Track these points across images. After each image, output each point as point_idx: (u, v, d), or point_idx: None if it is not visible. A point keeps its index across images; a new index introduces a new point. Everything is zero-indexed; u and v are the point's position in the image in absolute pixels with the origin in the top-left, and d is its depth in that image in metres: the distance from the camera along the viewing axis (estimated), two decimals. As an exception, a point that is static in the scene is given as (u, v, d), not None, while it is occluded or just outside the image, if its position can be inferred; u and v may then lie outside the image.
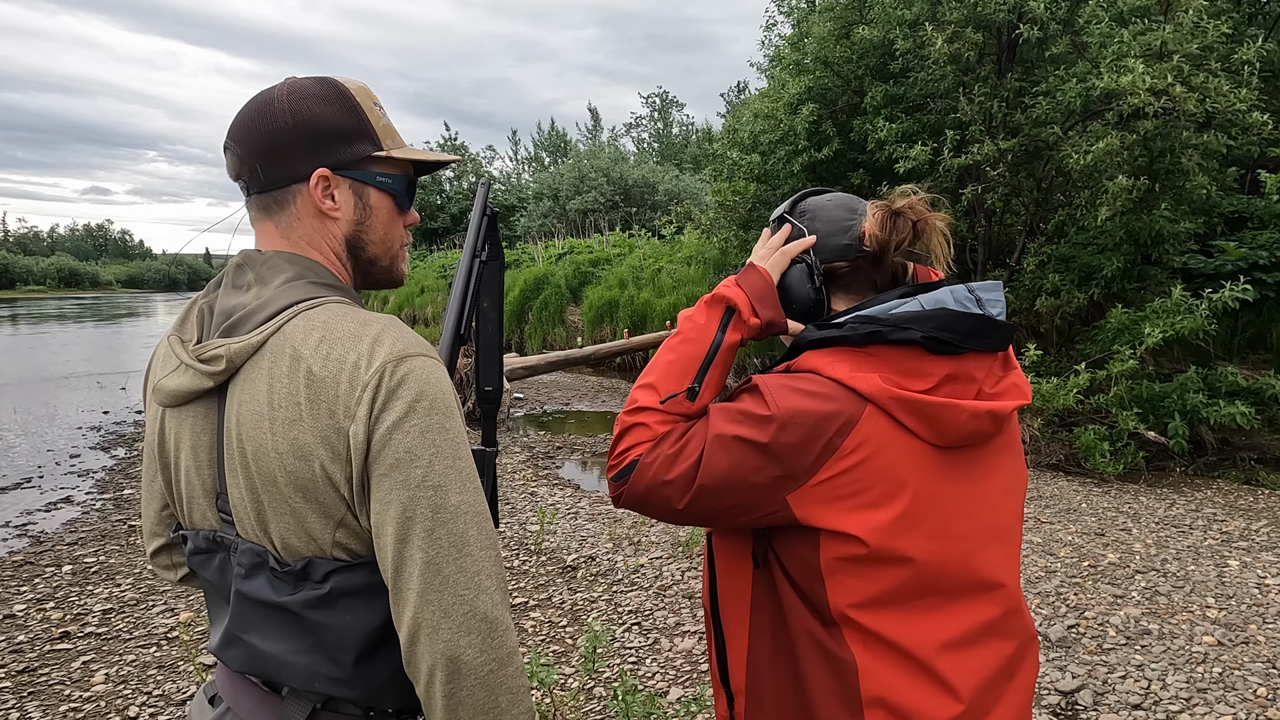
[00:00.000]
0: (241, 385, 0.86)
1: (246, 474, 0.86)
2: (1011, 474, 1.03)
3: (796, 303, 1.10)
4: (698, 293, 11.70)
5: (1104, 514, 4.87)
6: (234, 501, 0.88)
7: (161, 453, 0.97)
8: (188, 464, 0.93)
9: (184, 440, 0.93)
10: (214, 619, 0.97)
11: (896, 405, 0.92)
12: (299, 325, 0.85)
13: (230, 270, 0.95)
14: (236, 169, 0.94)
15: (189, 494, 0.94)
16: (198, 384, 0.89)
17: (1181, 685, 2.90)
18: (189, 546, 0.96)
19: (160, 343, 0.97)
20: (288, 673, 0.87)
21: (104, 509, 5.66)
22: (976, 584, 0.97)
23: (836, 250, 1.08)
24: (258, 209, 0.95)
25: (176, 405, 0.93)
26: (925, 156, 6.17)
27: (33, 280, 77.86)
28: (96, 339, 22.22)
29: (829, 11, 7.64)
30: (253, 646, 0.88)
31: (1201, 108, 5.20)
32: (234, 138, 0.93)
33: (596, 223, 25.39)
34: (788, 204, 1.15)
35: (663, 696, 2.93)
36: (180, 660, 3.30)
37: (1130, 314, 5.88)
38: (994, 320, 0.97)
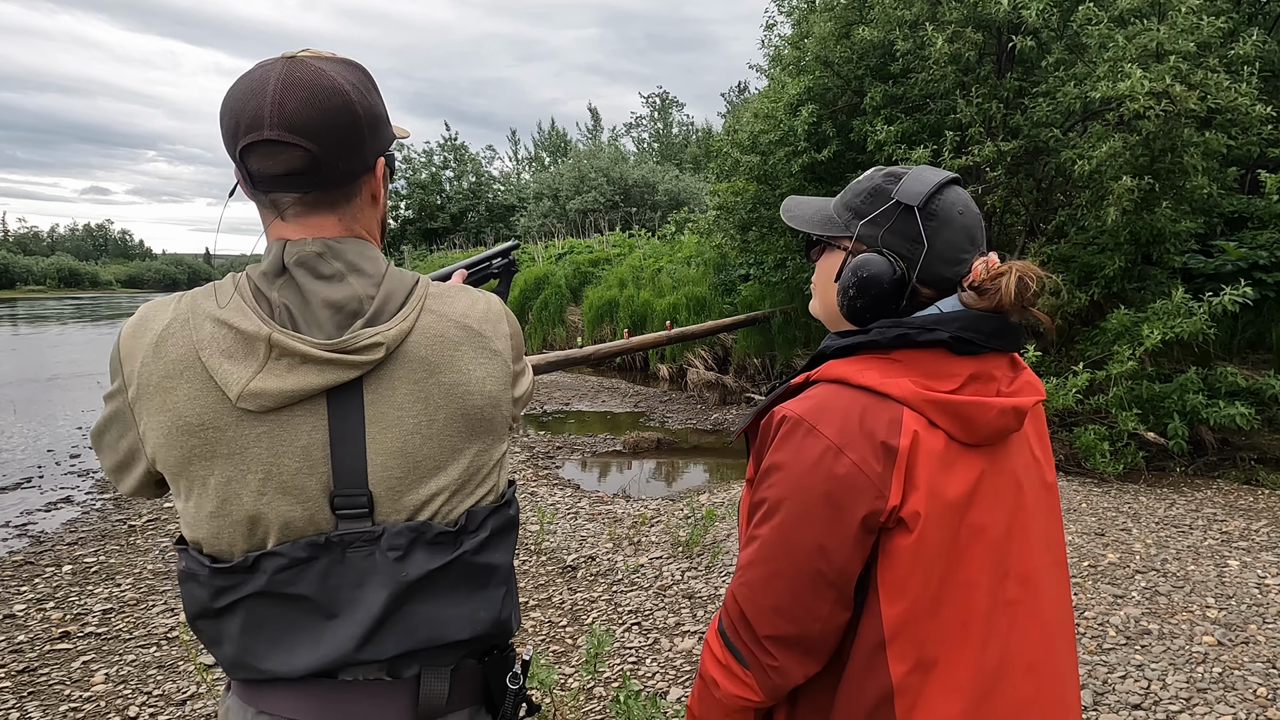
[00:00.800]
0: (387, 368, 0.90)
1: (407, 447, 0.90)
2: (1026, 472, 1.04)
3: (865, 301, 0.99)
4: (698, 293, 11.70)
5: (1104, 514, 4.87)
6: (379, 483, 0.89)
7: (220, 470, 0.87)
8: (287, 469, 0.87)
9: (279, 448, 0.87)
10: (296, 638, 0.89)
11: (930, 406, 0.92)
12: (435, 297, 0.96)
13: (310, 260, 0.90)
14: (303, 163, 0.88)
15: (276, 506, 0.88)
16: (335, 379, 0.87)
17: (1181, 685, 2.90)
18: (273, 565, 0.87)
19: (188, 355, 0.87)
20: (451, 628, 0.93)
21: (104, 509, 5.66)
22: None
23: (934, 276, 0.98)
24: (319, 203, 0.92)
25: (275, 409, 0.86)
26: (925, 158, 6.17)
27: (33, 280, 77.81)
28: (96, 339, 22.22)
29: (829, 11, 7.63)
30: (415, 618, 0.91)
31: (1203, 105, 5.20)
32: (301, 131, 0.86)
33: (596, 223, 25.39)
34: (929, 191, 0.97)
35: (663, 697, 2.94)
36: (180, 660, 3.30)
37: (1130, 315, 5.88)
38: (1010, 322, 0.98)
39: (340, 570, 0.89)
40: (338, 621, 0.89)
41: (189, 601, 0.91)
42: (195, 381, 0.86)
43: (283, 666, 0.89)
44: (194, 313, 0.88)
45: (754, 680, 0.97)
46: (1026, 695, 0.97)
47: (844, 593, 0.94)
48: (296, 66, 0.88)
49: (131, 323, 0.92)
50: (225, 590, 0.89)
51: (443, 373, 0.93)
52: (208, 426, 0.86)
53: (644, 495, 6.20)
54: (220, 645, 0.91)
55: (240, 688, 0.95)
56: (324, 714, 0.90)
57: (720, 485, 6.42)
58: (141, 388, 0.88)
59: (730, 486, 6.18)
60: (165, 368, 0.87)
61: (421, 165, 39.62)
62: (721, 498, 5.62)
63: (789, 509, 0.93)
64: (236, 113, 0.87)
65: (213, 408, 0.86)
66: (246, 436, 0.86)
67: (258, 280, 0.90)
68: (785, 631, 0.94)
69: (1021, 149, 6.34)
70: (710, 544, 4.48)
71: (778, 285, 9.64)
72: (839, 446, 0.91)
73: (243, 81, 0.89)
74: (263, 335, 0.85)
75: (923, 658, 0.92)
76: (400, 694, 0.92)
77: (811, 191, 8.09)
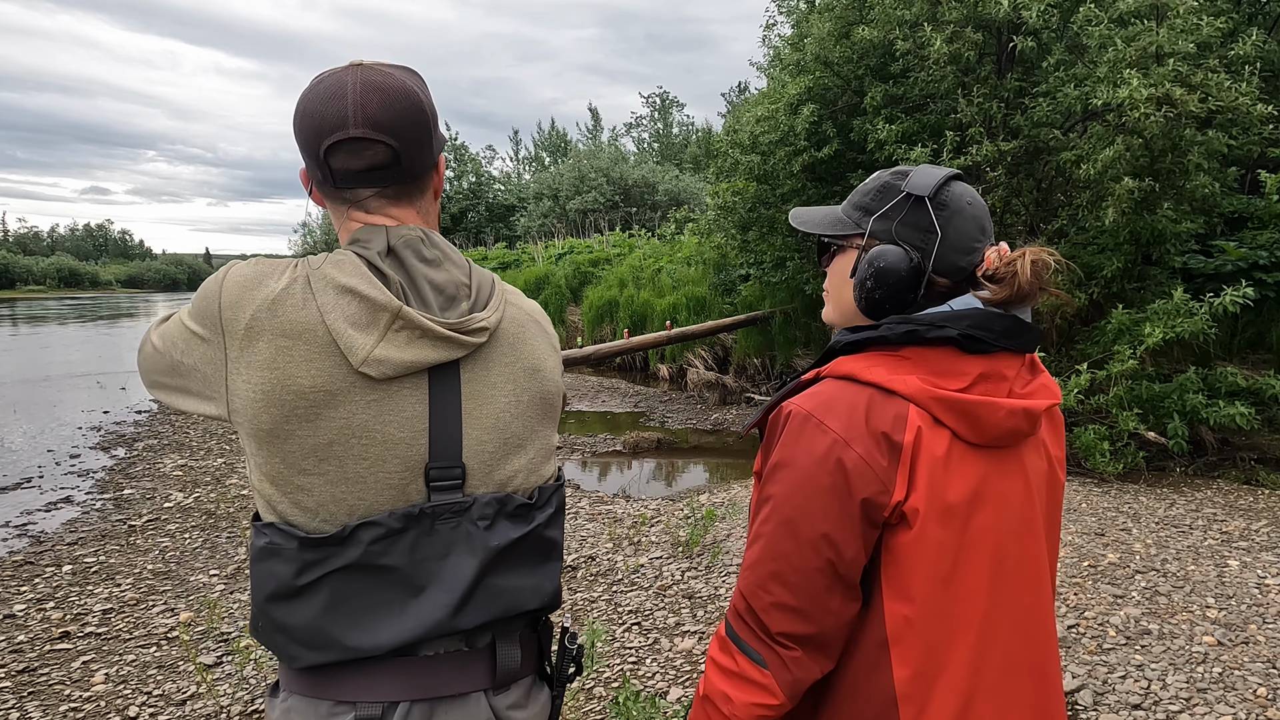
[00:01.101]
0: (482, 350, 0.98)
1: (499, 424, 0.98)
2: (1038, 475, 1.03)
3: (884, 291, 0.98)
4: (698, 293, 11.71)
5: (1104, 514, 4.87)
6: (473, 457, 0.96)
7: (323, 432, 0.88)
8: (387, 440, 0.90)
9: (386, 417, 0.90)
10: (381, 612, 0.91)
11: (937, 404, 0.92)
12: (510, 292, 1.05)
13: (415, 243, 0.97)
14: (388, 158, 0.95)
15: (373, 475, 0.90)
16: (446, 356, 0.93)
17: (1181, 685, 2.90)
18: (370, 535, 0.89)
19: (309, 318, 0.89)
20: (523, 598, 0.99)
21: (104, 509, 5.66)
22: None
23: (949, 266, 0.98)
24: (397, 197, 0.99)
25: (391, 378, 0.90)
26: (925, 158, 6.17)
27: (33, 280, 77.85)
28: (96, 339, 22.22)
29: (829, 11, 7.64)
30: (498, 588, 0.96)
31: (1204, 106, 5.20)
32: (386, 130, 0.93)
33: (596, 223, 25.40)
34: (939, 182, 0.98)
35: (662, 697, 2.94)
36: (180, 660, 3.30)
37: (1130, 315, 5.88)
38: (1023, 321, 0.97)
39: (428, 542, 0.92)
40: (426, 593, 0.92)
41: (266, 580, 0.90)
42: (314, 344, 0.88)
43: (366, 642, 0.89)
44: (315, 279, 0.91)
45: (773, 679, 0.94)
46: (1029, 699, 0.97)
47: (852, 585, 0.94)
48: (370, 72, 0.94)
49: (240, 273, 0.93)
50: (313, 565, 0.89)
51: (526, 358, 1.02)
52: (320, 389, 0.88)
53: (644, 495, 6.20)
54: (289, 629, 0.90)
55: (304, 681, 0.93)
56: (411, 691, 0.91)
57: (720, 485, 6.42)
58: (248, 342, 0.89)
59: (730, 486, 6.18)
60: (281, 327, 0.88)
61: (421, 165, 39.54)
62: (721, 498, 5.62)
63: (796, 502, 0.93)
64: (318, 115, 0.92)
65: (328, 371, 0.88)
66: (356, 403, 0.89)
67: (370, 257, 0.94)
68: (798, 627, 0.94)
69: (1021, 149, 6.34)
70: (710, 544, 4.48)
71: (778, 285, 9.64)
72: (845, 440, 0.91)
73: (317, 89, 0.94)
74: (392, 307, 0.89)
75: (927, 663, 0.92)
76: (478, 662, 0.96)
77: (812, 190, 8.10)
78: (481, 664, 0.97)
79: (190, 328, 0.93)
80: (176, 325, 0.96)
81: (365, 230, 0.97)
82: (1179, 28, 5.27)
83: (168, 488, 6.14)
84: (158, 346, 0.97)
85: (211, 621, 3.61)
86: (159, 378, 0.98)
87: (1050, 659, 1.00)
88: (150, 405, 10.44)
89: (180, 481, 6.33)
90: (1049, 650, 1.00)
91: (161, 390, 0.99)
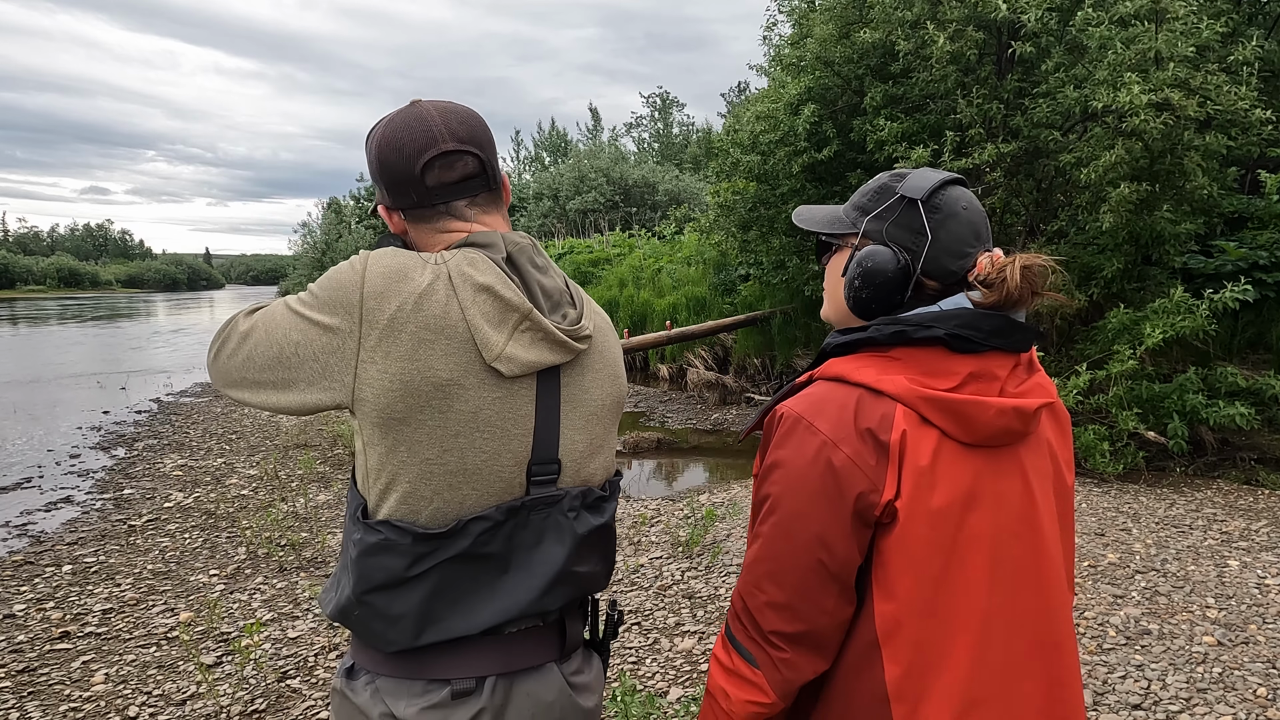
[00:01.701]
0: (582, 354, 1.05)
1: (588, 425, 1.05)
2: (1040, 475, 1.02)
3: (870, 291, 0.99)
4: (698, 293, 11.70)
5: (1104, 514, 4.87)
6: (567, 454, 1.03)
7: (451, 423, 0.94)
8: (504, 435, 0.97)
9: (505, 413, 0.97)
10: (477, 597, 0.97)
11: (924, 404, 0.92)
12: (587, 297, 1.11)
13: (528, 250, 1.04)
14: (477, 168, 1.04)
15: (488, 468, 0.97)
16: (558, 359, 1.00)
17: (1181, 685, 2.90)
18: (478, 528, 0.96)
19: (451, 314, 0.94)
20: (598, 582, 1.09)
21: (104, 509, 5.66)
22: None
23: (939, 269, 0.99)
24: (488, 204, 1.07)
25: (517, 376, 0.97)
26: (925, 159, 6.17)
27: (33, 280, 77.84)
28: (96, 339, 22.22)
29: (829, 11, 7.63)
30: (579, 574, 1.04)
31: (1203, 110, 5.20)
32: (471, 142, 1.03)
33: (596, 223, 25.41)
34: (933, 185, 0.99)
35: (662, 696, 2.94)
36: (180, 660, 3.30)
37: (1130, 314, 5.88)
38: (1014, 320, 0.97)
39: (523, 532, 0.99)
40: (518, 578, 0.99)
41: (375, 573, 0.95)
42: (454, 339, 0.94)
43: (465, 626, 0.96)
44: (456, 276, 0.96)
45: (764, 678, 0.97)
46: (1039, 703, 0.96)
47: (846, 585, 0.95)
48: (440, 102, 1.05)
49: (384, 265, 0.95)
50: (425, 556, 0.95)
51: (611, 364, 1.11)
52: (454, 383, 0.94)
53: (644, 495, 6.20)
54: (391, 617, 0.95)
55: (397, 663, 0.98)
56: (496, 666, 0.99)
57: (720, 485, 6.42)
58: (389, 333, 0.92)
59: (730, 486, 6.18)
60: (426, 321, 0.93)
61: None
62: (721, 498, 5.62)
63: (789, 503, 0.95)
64: (406, 142, 1.01)
65: (463, 366, 0.94)
66: (484, 398, 0.95)
67: (496, 260, 1.00)
68: (791, 626, 0.95)
69: (1021, 150, 6.34)
70: (710, 544, 4.48)
71: (778, 285, 9.64)
72: (834, 441, 0.93)
73: (394, 124, 1.03)
74: (525, 309, 0.96)
75: (918, 662, 0.92)
76: (550, 636, 1.05)
77: (811, 191, 8.10)
78: (553, 637, 1.05)
79: (312, 318, 0.95)
80: (288, 318, 0.96)
81: (482, 235, 1.03)
82: (1178, 30, 5.26)
83: (168, 488, 6.14)
84: (261, 341, 0.97)
85: (211, 621, 3.61)
86: (255, 374, 0.98)
87: (1064, 663, 0.98)
88: (150, 405, 10.43)
89: (180, 481, 6.33)
90: (1062, 654, 0.98)
91: (251, 389, 0.99)
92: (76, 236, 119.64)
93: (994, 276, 0.96)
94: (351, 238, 30.25)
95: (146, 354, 17.75)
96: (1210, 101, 5.21)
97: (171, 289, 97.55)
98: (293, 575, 4.23)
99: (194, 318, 33.98)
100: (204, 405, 10.26)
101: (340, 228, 32.28)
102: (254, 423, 8.84)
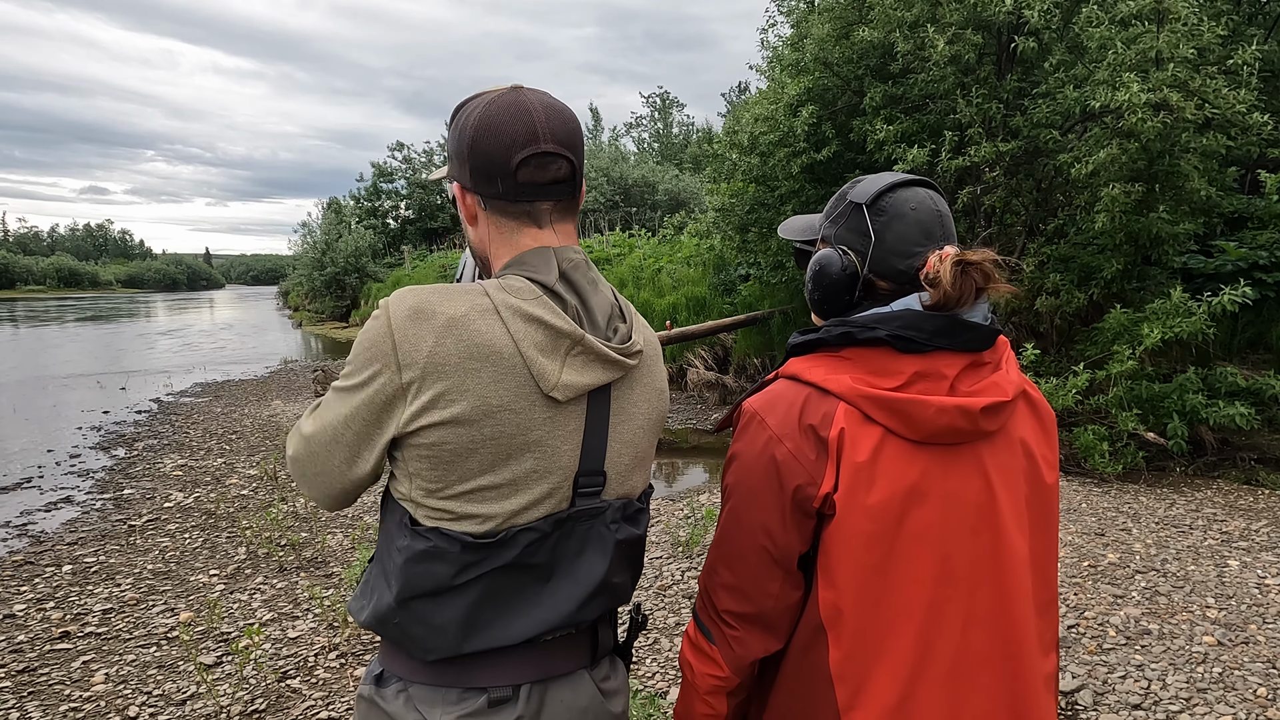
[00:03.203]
0: (631, 369, 1.04)
1: (634, 438, 1.06)
2: (1005, 473, 1.03)
3: (821, 293, 1.06)
4: (698, 293, 11.70)
5: (1104, 514, 4.87)
6: (613, 467, 1.03)
7: (502, 448, 0.94)
8: (554, 453, 0.97)
9: (556, 433, 0.97)
10: (519, 607, 0.98)
11: (866, 402, 0.96)
12: (633, 310, 1.10)
13: (582, 267, 1.03)
14: (568, 173, 1.01)
15: (539, 483, 0.97)
16: (611, 377, 1.00)
17: (1181, 685, 2.90)
18: (526, 539, 0.96)
19: (495, 342, 0.93)
20: (626, 593, 1.09)
21: (104, 509, 5.66)
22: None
23: (888, 269, 1.03)
24: (566, 210, 1.05)
25: (570, 400, 0.97)
26: (923, 158, 6.17)
27: (33, 280, 77.85)
28: (96, 339, 22.22)
29: (829, 12, 7.63)
30: (616, 584, 1.05)
31: (1201, 113, 5.20)
32: (566, 145, 1.00)
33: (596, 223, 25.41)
34: (878, 190, 1.04)
35: (662, 696, 2.94)
36: (180, 660, 3.30)
37: (1129, 314, 5.88)
38: (962, 321, 0.99)
39: (566, 543, 1.00)
40: (553, 587, 0.99)
41: (423, 580, 0.95)
42: (501, 366, 0.93)
43: (501, 636, 0.97)
44: (501, 305, 0.95)
45: (719, 654, 1.05)
46: (993, 694, 0.98)
47: (790, 570, 1.01)
48: (542, 94, 1.02)
49: (407, 306, 0.94)
50: (472, 565, 0.95)
51: (655, 377, 1.11)
52: (506, 409, 0.94)
53: (644, 495, 6.20)
54: (434, 625, 0.96)
55: (432, 671, 0.98)
56: (532, 673, 1.00)
57: (720, 485, 6.42)
58: (431, 368, 0.92)
59: (730, 486, 6.18)
60: (467, 350, 0.92)
61: (422, 165, 39.60)
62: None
63: (739, 493, 1.03)
64: (507, 131, 0.98)
65: (514, 391, 0.94)
66: (535, 420, 0.95)
67: (548, 283, 0.99)
68: (741, 606, 1.03)
69: (1020, 149, 6.34)
70: (710, 544, 4.48)
71: (777, 285, 9.64)
72: (779, 436, 0.99)
73: (496, 106, 0.99)
74: (577, 335, 0.96)
75: (858, 647, 0.96)
76: (582, 643, 1.06)
77: (810, 191, 8.10)
78: (584, 645, 1.06)
79: (353, 385, 0.96)
80: (335, 399, 0.98)
81: (533, 254, 1.01)
82: (1179, 32, 5.26)
83: (168, 488, 6.14)
84: (318, 434, 0.99)
85: (211, 621, 3.61)
86: (324, 466, 1.01)
87: (1024, 657, 1.00)
88: (150, 405, 10.44)
89: (180, 481, 6.33)
90: (1021, 648, 1.00)
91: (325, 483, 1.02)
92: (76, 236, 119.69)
93: (936, 274, 0.99)
94: (351, 238, 30.23)
95: (146, 354, 17.75)
96: (1208, 104, 5.21)
97: (171, 289, 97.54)
98: (293, 575, 4.24)
99: (194, 318, 33.99)
100: (204, 405, 10.26)
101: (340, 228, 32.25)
102: (254, 423, 8.84)
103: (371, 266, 29.91)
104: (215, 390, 11.69)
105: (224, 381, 12.71)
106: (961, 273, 0.97)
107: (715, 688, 1.06)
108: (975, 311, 1.00)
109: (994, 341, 1.02)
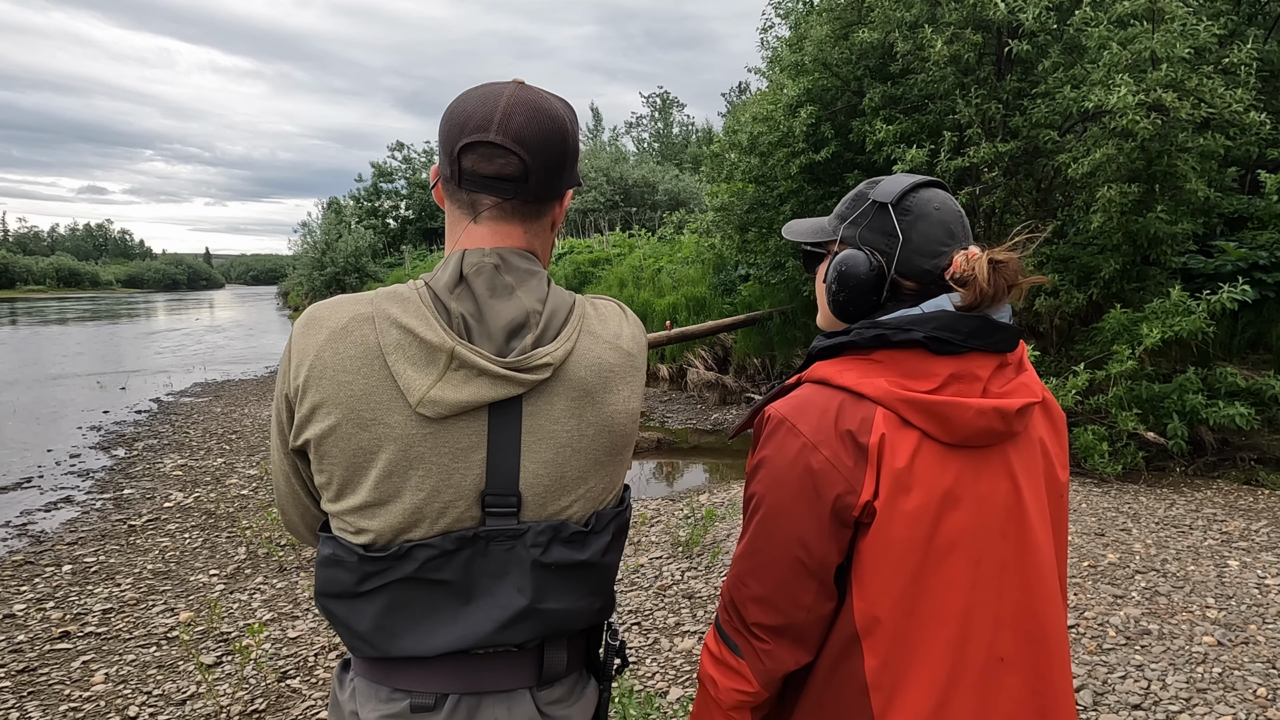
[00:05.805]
0: (547, 384, 0.96)
1: (557, 458, 0.97)
2: (1030, 474, 1.03)
3: (846, 294, 1.03)
4: (698, 293, 11.70)
5: (1104, 514, 4.87)
6: (529, 488, 0.96)
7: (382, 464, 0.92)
8: (444, 470, 0.93)
9: (441, 449, 0.92)
10: (435, 619, 0.96)
11: (904, 406, 0.94)
12: (591, 318, 1.01)
13: (487, 271, 0.96)
14: (515, 171, 0.96)
15: (430, 502, 0.93)
16: (505, 393, 0.93)
17: (1181, 685, 2.90)
18: (424, 555, 0.94)
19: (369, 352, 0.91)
20: (575, 619, 1.01)
21: (104, 509, 5.66)
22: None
23: (913, 269, 1.01)
24: (514, 212, 1.00)
25: (448, 416, 0.92)
26: (922, 159, 6.17)
27: (32, 280, 77.86)
28: (96, 339, 22.22)
29: (828, 13, 7.63)
30: (548, 611, 0.98)
31: (1197, 112, 5.20)
32: (524, 145, 0.95)
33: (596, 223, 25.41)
34: (903, 189, 1.03)
35: (662, 696, 2.94)
36: (180, 660, 3.30)
37: (1129, 314, 5.88)
38: (994, 321, 0.98)
39: (482, 561, 0.96)
40: (475, 606, 0.96)
41: (328, 583, 0.96)
42: (373, 378, 0.91)
43: (419, 646, 0.95)
44: (379, 315, 0.93)
45: (747, 668, 1.01)
46: (1022, 696, 0.97)
47: (825, 582, 0.98)
48: (527, 90, 0.98)
49: (303, 318, 0.97)
50: (372, 575, 0.94)
51: (597, 396, 0.99)
52: (379, 422, 0.91)
53: (644, 495, 6.20)
54: (351, 625, 0.96)
55: (368, 667, 1.00)
56: (460, 685, 0.97)
57: (720, 485, 6.43)
58: (311, 380, 0.92)
59: (730, 486, 6.19)
60: (340, 362, 0.91)
61: (421, 165, 39.60)
62: (721, 498, 5.62)
63: (770, 502, 0.98)
64: (465, 115, 0.96)
65: (386, 405, 0.91)
66: (413, 435, 0.92)
67: (438, 290, 0.95)
68: (772, 619, 0.99)
69: (1020, 149, 6.34)
70: (710, 544, 4.48)
71: (777, 285, 9.64)
72: (814, 444, 0.95)
73: (475, 93, 0.98)
74: (446, 347, 0.90)
75: (895, 654, 0.94)
76: (526, 662, 1.01)
77: (810, 192, 8.10)
78: (529, 664, 1.01)
79: (273, 409, 1.00)
80: (272, 446, 1.03)
81: (453, 255, 0.99)
82: (1175, 32, 5.26)
83: (168, 488, 6.14)
84: (279, 494, 1.04)
85: (211, 621, 3.61)
86: (283, 501, 1.05)
87: (1053, 657, 1.00)
88: (150, 405, 10.44)
89: (180, 481, 6.33)
90: (1051, 648, 0.99)
91: (299, 514, 1.05)
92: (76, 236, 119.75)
93: (966, 273, 0.98)
94: (351, 238, 30.25)
95: (146, 354, 17.75)
96: (1204, 104, 5.21)
97: (171, 289, 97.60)
98: (293, 575, 4.24)
99: (194, 317, 33.98)
100: (204, 405, 10.26)
101: (340, 228, 32.27)
102: (254, 423, 8.84)
103: (371, 266, 29.93)
104: (215, 390, 11.70)
105: (224, 381, 12.72)
106: (994, 271, 0.97)
107: (741, 703, 1.02)
108: (1002, 312, 1.00)
109: (1018, 343, 1.02)
